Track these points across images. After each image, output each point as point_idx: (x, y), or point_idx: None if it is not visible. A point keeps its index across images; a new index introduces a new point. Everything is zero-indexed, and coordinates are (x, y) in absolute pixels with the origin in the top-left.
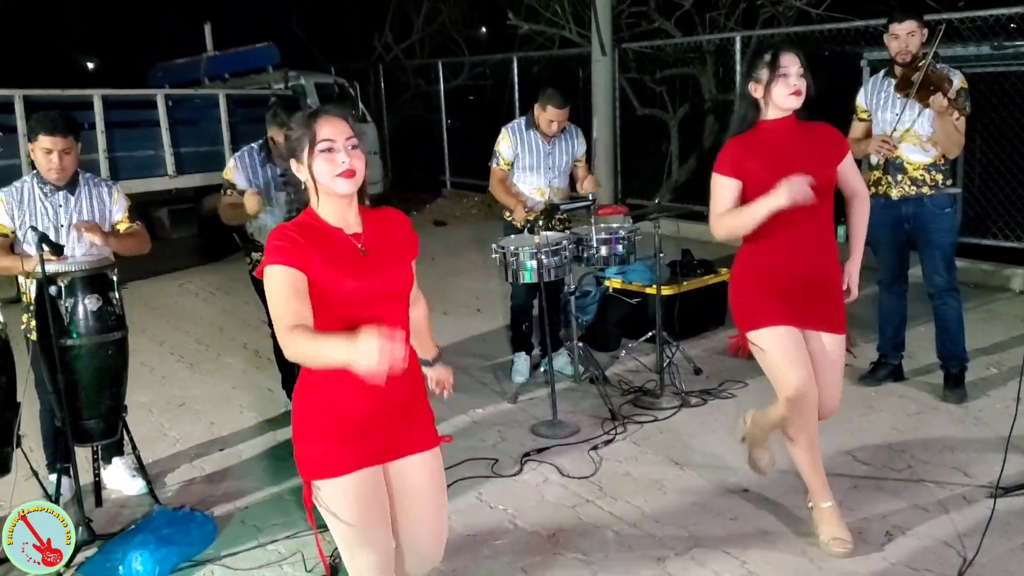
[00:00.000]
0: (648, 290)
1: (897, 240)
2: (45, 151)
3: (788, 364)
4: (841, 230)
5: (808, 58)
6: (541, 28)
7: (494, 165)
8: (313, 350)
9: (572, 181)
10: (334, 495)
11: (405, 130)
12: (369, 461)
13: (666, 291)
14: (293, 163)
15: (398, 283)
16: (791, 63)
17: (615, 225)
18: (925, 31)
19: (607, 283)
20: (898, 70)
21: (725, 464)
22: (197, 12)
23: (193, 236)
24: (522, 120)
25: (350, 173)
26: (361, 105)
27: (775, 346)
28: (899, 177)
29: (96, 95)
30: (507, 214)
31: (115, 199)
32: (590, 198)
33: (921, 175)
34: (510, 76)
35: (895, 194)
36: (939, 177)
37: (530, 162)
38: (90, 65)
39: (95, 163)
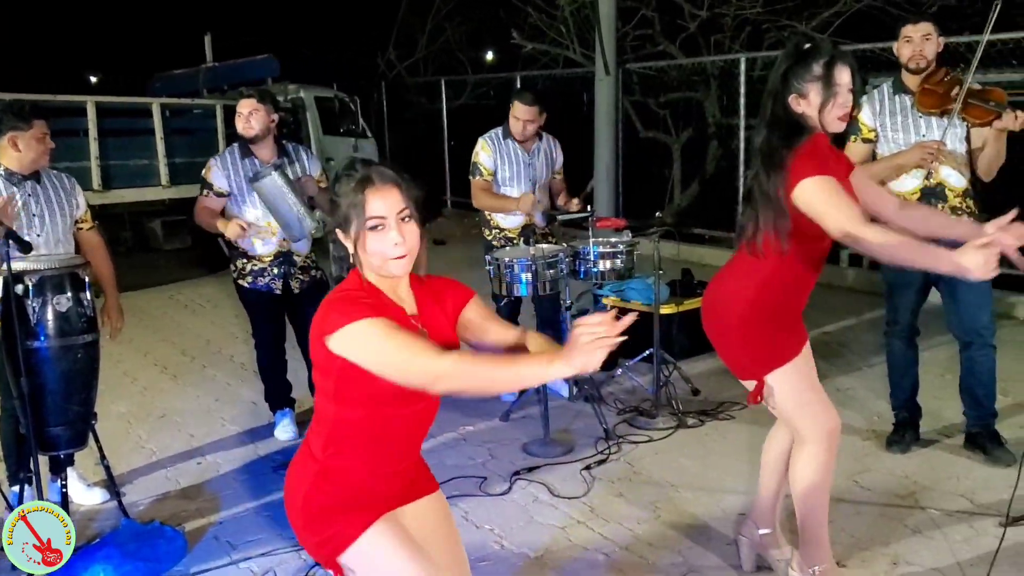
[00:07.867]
0: (647, 309)
1: (926, 279)
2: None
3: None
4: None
5: None
6: (545, 48)
7: (475, 178)
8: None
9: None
10: (373, 542)
11: (407, 148)
12: (386, 508)
13: (665, 310)
14: (339, 232)
15: None
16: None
17: (614, 239)
18: (941, 40)
19: (604, 301)
20: (911, 82)
21: (722, 487)
22: (199, 24)
23: (186, 248)
24: (499, 130)
25: (402, 256)
26: (362, 120)
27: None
28: (940, 206)
29: (90, 101)
30: (487, 232)
31: (77, 190)
32: (588, 210)
33: (960, 202)
34: (512, 95)
35: None
36: (973, 204)
37: (510, 174)
38: (93, 79)
39: (87, 171)
